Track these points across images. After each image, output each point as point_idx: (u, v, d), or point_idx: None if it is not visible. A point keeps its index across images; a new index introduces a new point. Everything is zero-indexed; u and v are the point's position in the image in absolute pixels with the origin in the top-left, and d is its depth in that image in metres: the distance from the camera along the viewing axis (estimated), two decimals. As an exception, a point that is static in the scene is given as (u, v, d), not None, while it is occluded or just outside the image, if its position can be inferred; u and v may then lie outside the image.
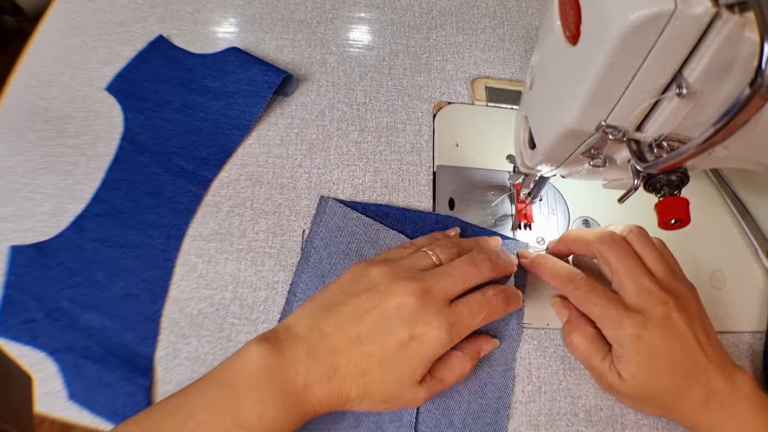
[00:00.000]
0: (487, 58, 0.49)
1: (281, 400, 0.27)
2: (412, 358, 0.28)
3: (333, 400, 0.28)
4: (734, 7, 0.18)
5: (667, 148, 0.23)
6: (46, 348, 0.34)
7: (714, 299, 0.39)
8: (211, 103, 0.43)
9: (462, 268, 0.31)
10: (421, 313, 0.28)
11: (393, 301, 0.29)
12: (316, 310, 0.30)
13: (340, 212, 0.38)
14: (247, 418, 0.26)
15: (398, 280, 0.29)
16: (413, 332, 0.28)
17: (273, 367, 0.27)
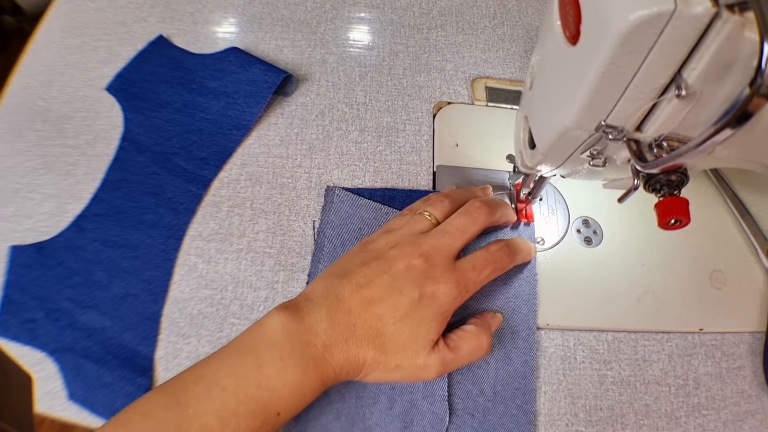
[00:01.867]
0: (487, 58, 0.49)
1: (303, 365, 0.27)
2: (424, 315, 0.29)
3: (351, 364, 0.29)
4: (734, 7, 0.18)
5: (667, 148, 0.23)
6: (46, 348, 0.34)
7: (714, 299, 0.39)
8: (211, 103, 0.43)
9: (458, 221, 0.32)
10: (429, 272, 0.30)
11: (400, 264, 0.30)
12: (330, 278, 0.31)
13: (349, 200, 0.39)
14: (271, 383, 0.27)
15: (403, 246, 0.31)
16: (423, 290, 0.29)
17: (294, 333, 0.28)
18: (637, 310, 0.38)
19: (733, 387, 0.37)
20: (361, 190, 0.40)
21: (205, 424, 0.25)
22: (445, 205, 0.34)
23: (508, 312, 0.36)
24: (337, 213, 0.38)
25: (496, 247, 0.33)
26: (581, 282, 0.38)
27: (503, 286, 0.37)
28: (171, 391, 0.27)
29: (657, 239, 0.40)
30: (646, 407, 0.35)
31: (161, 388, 0.27)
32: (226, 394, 0.26)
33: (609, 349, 0.37)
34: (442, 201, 0.34)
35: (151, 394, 0.27)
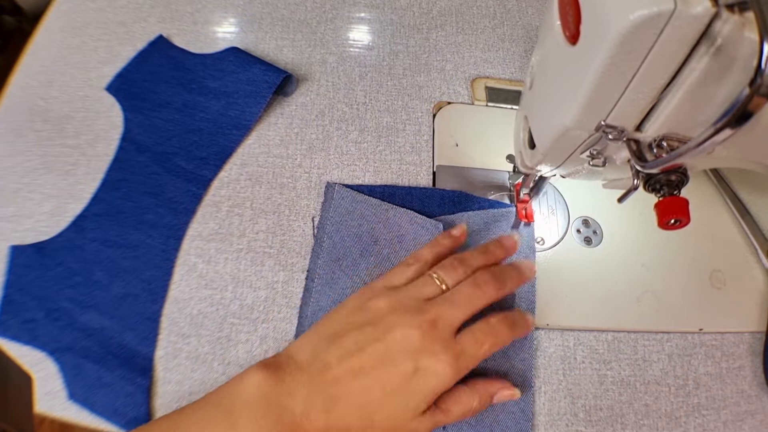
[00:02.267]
0: (487, 58, 0.49)
1: (278, 430, 0.27)
2: (416, 390, 0.28)
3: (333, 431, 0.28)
4: (734, 7, 0.18)
5: (667, 148, 0.23)
6: (45, 348, 0.34)
7: (714, 299, 0.39)
8: (211, 103, 0.43)
9: (466, 292, 0.30)
10: (427, 345, 0.28)
11: (397, 333, 0.28)
12: (318, 340, 0.30)
13: (348, 196, 0.39)
14: None
15: (404, 312, 0.29)
16: (418, 365, 0.28)
17: (271, 395, 0.27)
18: (637, 310, 0.38)
19: (733, 387, 0.37)
20: (361, 186, 0.40)
21: None
22: (459, 273, 0.32)
23: (506, 309, 0.36)
24: (336, 209, 0.38)
25: (496, 319, 0.30)
26: (581, 282, 0.38)
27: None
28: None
29: (657, 239, 0.40)
30: (646, 407, 0.35)
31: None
32: None
33: (609, 349, 0.37)
34: (456, 268, 0.32)
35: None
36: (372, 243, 0.37)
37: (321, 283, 0.36)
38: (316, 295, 0.36)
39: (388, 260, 0.37)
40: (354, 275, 0.36)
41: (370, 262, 0.36)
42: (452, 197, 0.40)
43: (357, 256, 0.36)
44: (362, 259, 0.37)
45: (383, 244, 0.37)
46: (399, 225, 0.38)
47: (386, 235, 0.37)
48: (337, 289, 0.36)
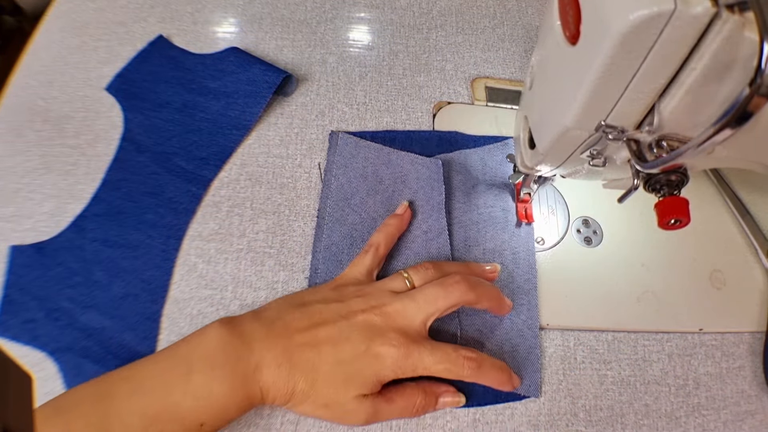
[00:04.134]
0: (487, 58, 0.49)
1: (231, 380, 0.27)
2: (362, 369, 0.29)
3: (279, 389, 0.28)
4: (734, 7, 0.18)
5: (667, 148, 0.23)
6: (46, 348, 0.34)
7: (714, 299, 0.39)
8: (211, 103, 0.43)
9: (429, 291, 0.31)
10: (384, 333, 0.29)
11: (360, 316, 0.30)
12: (285, 305, 0.32)
13: (352, 142, 0.41)
14: (198, 392, 0.27)
15: (369, 298, 0.31)
16: (370, 346, 0.29)
17: (229, 346, 0.28)
18: (637, 310, 0.38)
19: (733, 387, 0.37)
20: (363, 132, 0.42)
21: (127, 423, 0.26)
22: (428, 274, 0.33)
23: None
24: (341, 154, 0.40)
25: (467, 355, 0.30)
26: (581, 282, 0.38)
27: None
28: (100, 386, 0.27)
29: (657, 239, 0.40)
30: (646, 407, 0.35)
31: (92, 383, 0.28)
32: (150, 396, 0.26)
33: (609, 349, 0.37)
34: (428, 269, 0.33)
35: (82, 387, 0.28)
36: (377, 183, 0.39)
37: (332, 221, 0.38)
38: (327, 232, 0.37)
39: (393, 198, 0.39)
40: (362, 212, 0.38)
41: (377, 200, 0.39)
42: (449, 138, 0.43)
43: (364, 195, 0.39)
44: (369, 197, 0.39)
45: (387, 184, 0.39)
46: (401, 166, 0.40)
47: (390, 175, 0.40)
48: (347, 225, 0.38)
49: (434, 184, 0.39)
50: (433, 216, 0.38)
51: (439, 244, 0.37)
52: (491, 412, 0.34)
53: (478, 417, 0.34)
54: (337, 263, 0.36)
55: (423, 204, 0.38)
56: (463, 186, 0.40)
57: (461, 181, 0.40)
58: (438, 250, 0.37)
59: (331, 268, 0.36)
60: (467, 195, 0.40)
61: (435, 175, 0.39)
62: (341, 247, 0.37)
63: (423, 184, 0.39)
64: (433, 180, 0.39)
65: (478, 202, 0.40)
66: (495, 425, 0.34)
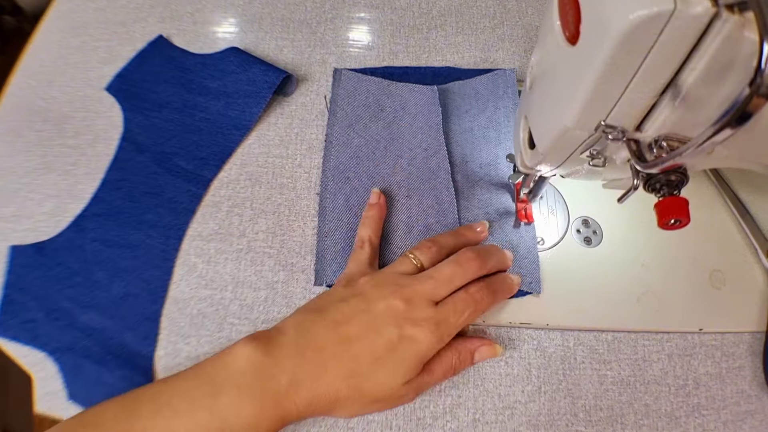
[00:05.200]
0: (486, 58, 0.49)
1: (261, 400, 0.27)
2: (402, 357, 0.29)
3: (320, 402, 0.28)
4: (734, 7, 0.18)
5: (666, 148, 0.23)
6: (45, 348, 0.34)
7: (714, 299, 0.39)
8: (211, 103, 0.43)
9: (447, 270, 0.31)
10: (410, 315, 0.29)
11: (380, 304, 0.29)
12: (305, 314, 0.31)
13: (354, 77, 0.44)
14: (224, 413, 0.26)
15: (384, 286, 0.31)
16: (402, 332, 0.29)
17: (258, 365, 0.27)
18: (637, 310, 0.38)
19: (733, 387, 0.37)
20: (364, 69, 0.46)
21: None
22: (432, 251, 0.33)
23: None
24: (344, 87, 0.44)
25: (476, 288, 0.31)
26: (581, 282, 0.38)
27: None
28: (125, 403, 0.27)
29: (657, 239, 0.40)
30: (646, 407, 0.35)
31: (117, 400, 0.27)
32: (176, 416, 0.26)
33: (609, 349, 0.37)
34: (430, 247, 0.33)
35: (107, 403, 0.27)
36: (379, 110, 0.43)
37: (338, 144, 0.41)
38: (335, 154, 0.41)
39: (394, 123, 0.42)
40: (366, 135, 0.42)
41: (379, 125, 0.42)
42: (443, 71, 0.46)
43: (367, 121, 0.42)
44: (372, 122, 0.42)
45: (388, 111, 0.43)
46: (400, 95, 0.44)
47: (390, 104, 0.43)
48: (352, 147, 0.41)
49: (431, 107, 0.42)
50: (431, 135, 0.41)
51: (438, 159, 0.40)
52: (491, 412, 0.34)
53: (478, 417, 0.34)
54: (345, 180, 0.40)
55: (422, 125, 0.42)
56: (457, 111, 0.44)
57: (456, 107, 0.44)
58: (438, 165, 0.40)
59: (339, 185, 0.39)
60: (461, 119, 0.43)
61: (431, 99, 0.42)
62: (348, 166, 0.40)
63: (421, 108, 0.42)
64: (430, 104, 0.42)
65: (472, 125, 0.43)
66: (495, 425, 0.34)
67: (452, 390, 0.35)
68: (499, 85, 0.44)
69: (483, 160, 0.41)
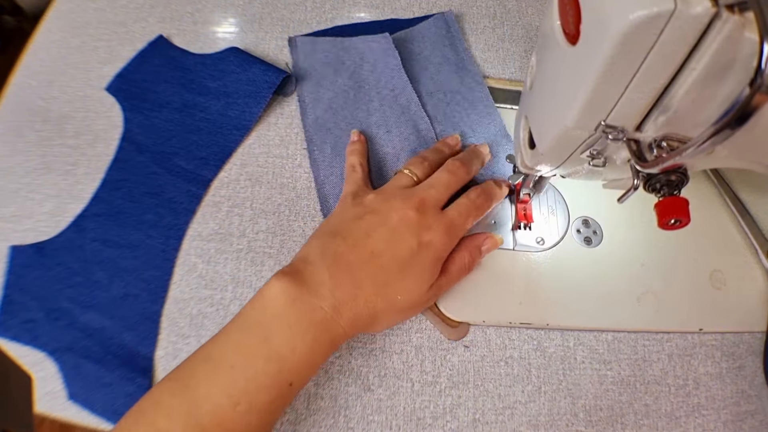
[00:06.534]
0: (486, 58, 0.49)
1: (312, 332, 0.27)
2: (425, 262, 0.31)
3: (362, 318, 0.29)
4: (734, 7, 0.18)
5: (667, 148, 0.23)
6: (45, 348, 0.34)
7: (714, 299, 0.39)
8: (211, 103, 0.43)
9: (443, 177, 0.34)
10: (422, 221, 0.31)
11: (395, 216, 0.31)
12: (324, 238, 0.32)
13: (309, 41, 0.47)
14: (281, 353, 0.27)
15: (393, 199, 0.33)
16: (421, 239, 0.31)
17: (298, 299, 0.28)
18: (637, 310, 0.38)
19: (733, 387, 0.37)
20: (316, 32, 0.48)
21: (216, 403, 0.25)
22: (424, 165, 0.36)
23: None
24: (303, 51, 0.46)
25: (475, 194, 0.35)
26: (581, 282, 0.38)
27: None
28: (179, 376, 0.27)
29: (657, 239, 0.40)
30: (646, 407, 0.35)
31: (170, 375, 0.27)
32: (234, 371, 0.26)
33: (609, 349, 0.37)
34: (422, 162, 0.36)
35: (161, 382, 0.27)
36: (339, 64, 0.45)
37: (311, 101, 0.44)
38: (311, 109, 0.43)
39: (357, 72, 0.45)
40: (334, 88, 0.44)
41: (344, 77, 0.45)
42: (389, 23, 0.49)
43: (332, 76, 0.45)
44: (337, 76, 0.45)
45: (348, 63, 0.45)
46: (356, 47, 0.46)
47: (349, 57, 0.46)
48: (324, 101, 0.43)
49: (388, 51, 0.45)
50: (395, 76, 0.44)
51: (407, 95, 0.43)
52: (491, 412, 0.34)
53: (478, 417, 0.34)
54: (327, 131, 0.42)
55: (383, 69, 0.44)
56: (409, 55, 0.47)
57: (408, 52, 0.47)
58: (407, 100, 0.43)
59: (323, 136, 0.42)
60: (416, 59, 0.47)
61: (386, 44, 0.45)
62: (326, 119, 0.43)
63: (379, 55, 0.45)
64: (386, 49, 0.45)
65: (427, 63, 0.46)
66: (495, 425, 0.34)
67: (452, 390, 0.35)
68: (441, 26, 0.49)
69: (445, 89, 0.45)
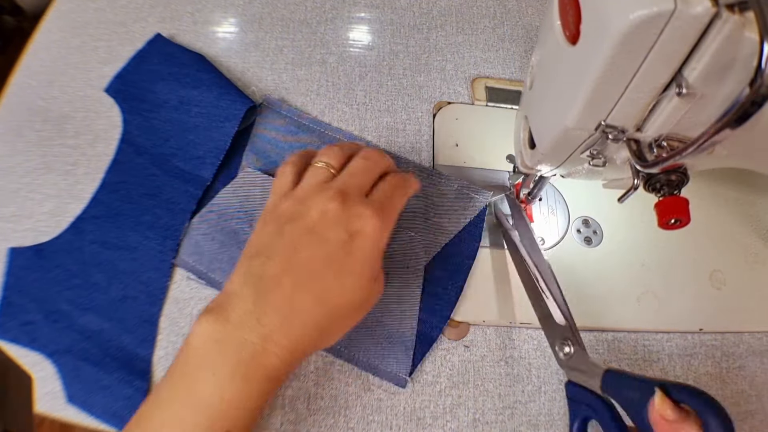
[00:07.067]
0: (487, 58, 0.49)
1: (241, 372, 0.24)
2: (361, 253, 0.27)
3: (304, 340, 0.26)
4: (734, 7, 0.18)
5: (667, 148, 0.23)
6: (44, 350, 0.34)
7: (714, 299, 0.39)
8: (204, 95, 0.42)
9: (360, 164, 0.31)
10: (348, 211, 0.28)
11: (315, 213, 0.28)
12: (246, 263, 0.28)
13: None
14: (208, 402, 0.24)
15: (310, 198, 0.29)
16: (350, 230, 0.27)
17: (222, 339, 0.25)
18: (637, 310, 0.38)
19: (733, 387, 0.37)
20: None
21: None
22: (339, 155, 0.32)
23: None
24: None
25: (391, 176, 0.32)
26: (581, 282, 0.38)
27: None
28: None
29: (657, 239, 0.41)
30: (646, 407, 0.35)
31: None
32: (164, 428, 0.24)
33: (609, 349, 0.37)
34: (337, 153, 0.32)
35: None
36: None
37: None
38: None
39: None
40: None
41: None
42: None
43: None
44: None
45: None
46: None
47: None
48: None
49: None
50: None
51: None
52: (491, 412, 0.34)
53: (478, 417, 0.34)
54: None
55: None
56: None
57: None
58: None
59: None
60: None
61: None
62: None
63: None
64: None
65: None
66: (495, 425, 0.34)
67: (452, 390, 0.35)
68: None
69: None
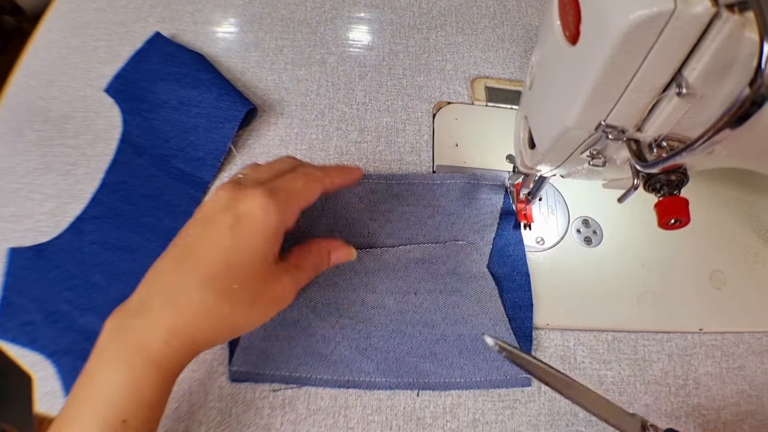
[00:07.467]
0: (486, 58, 0.49)
1: (126, 356, 0.24)
2: (249, 231, 0.26)
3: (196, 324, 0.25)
4: (734, 7, 0.18)
5: (667, 148, 0.23)
6: (44, 351, 0.34)
7: (714, 299, 0.39)
8: (204, 96, 0.42)
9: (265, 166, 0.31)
10: (235, 194, 0.27)
11: (206, 206, 0.28)
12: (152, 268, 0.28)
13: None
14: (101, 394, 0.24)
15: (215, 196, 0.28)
16: (237, 212, 0.26)
17: (114, 329, 0.25)
18: (637, 310, 0.38)
19: (733, 387, 0.37)
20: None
21: None
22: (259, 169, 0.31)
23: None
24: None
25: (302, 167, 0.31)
26: (581, 282, 0.38)
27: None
28: None
29: (657, 239, 0.40)
30: (646, 407, 0.35)
31: None
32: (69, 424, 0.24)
33: (609, 349, 0.37)
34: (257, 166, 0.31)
35: None
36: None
37: None
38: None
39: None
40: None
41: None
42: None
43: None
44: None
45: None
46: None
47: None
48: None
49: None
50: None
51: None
52: (491, 413, 0.34)
53: (478, 417, 0.34)
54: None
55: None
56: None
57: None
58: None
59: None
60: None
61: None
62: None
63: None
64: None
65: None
66: (495, 425, 0.34)
67: (452, 390, 0.35)
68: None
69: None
